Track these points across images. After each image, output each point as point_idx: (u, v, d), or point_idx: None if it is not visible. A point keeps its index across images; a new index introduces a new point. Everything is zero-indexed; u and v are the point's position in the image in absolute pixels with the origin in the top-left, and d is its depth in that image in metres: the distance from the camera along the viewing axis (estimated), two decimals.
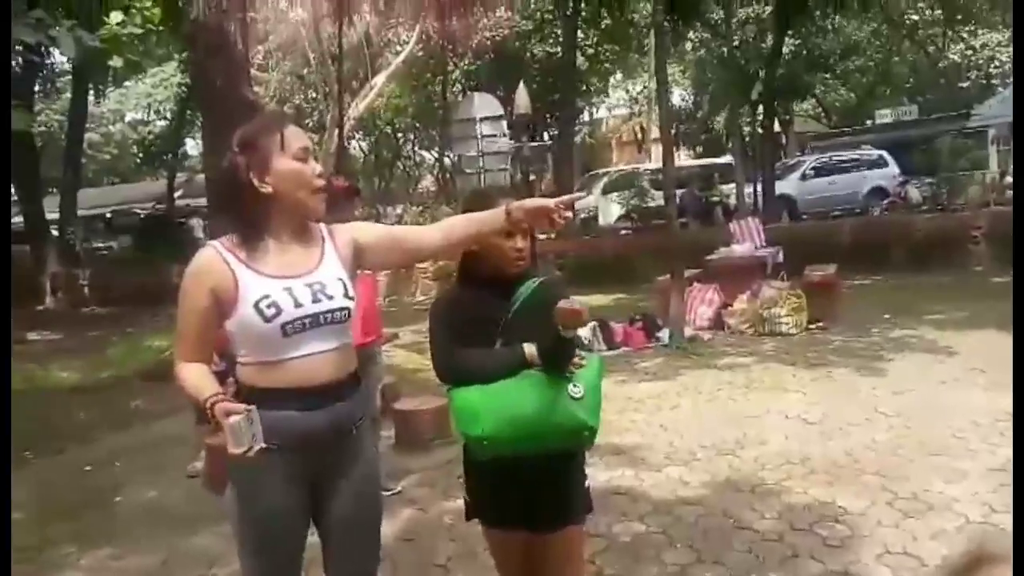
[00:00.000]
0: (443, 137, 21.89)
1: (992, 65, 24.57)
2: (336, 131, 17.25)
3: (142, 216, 25.79)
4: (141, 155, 33.91)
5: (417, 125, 28.50)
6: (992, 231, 11.93)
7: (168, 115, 30.20)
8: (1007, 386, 5.26)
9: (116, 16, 5.50)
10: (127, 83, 28.40)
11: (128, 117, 33.62)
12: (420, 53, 22.15)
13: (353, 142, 25.80)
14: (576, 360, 2.08)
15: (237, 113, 6.94)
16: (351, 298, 1.97)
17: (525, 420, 1.98)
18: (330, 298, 1.92)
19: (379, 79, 19.64)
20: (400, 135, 30.17)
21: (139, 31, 5.60)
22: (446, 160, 21.46)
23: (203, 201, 17.41)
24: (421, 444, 5.06)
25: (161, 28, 6.78)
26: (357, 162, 27.74)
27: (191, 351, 1.93)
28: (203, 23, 7.53)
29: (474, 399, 2.01)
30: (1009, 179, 17.93)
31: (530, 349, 2.05)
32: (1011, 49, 24.18)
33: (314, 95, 24.23)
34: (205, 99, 8.76)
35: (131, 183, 34.04)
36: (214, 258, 1.90)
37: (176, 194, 24.99)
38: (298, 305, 1.87)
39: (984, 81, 24.95)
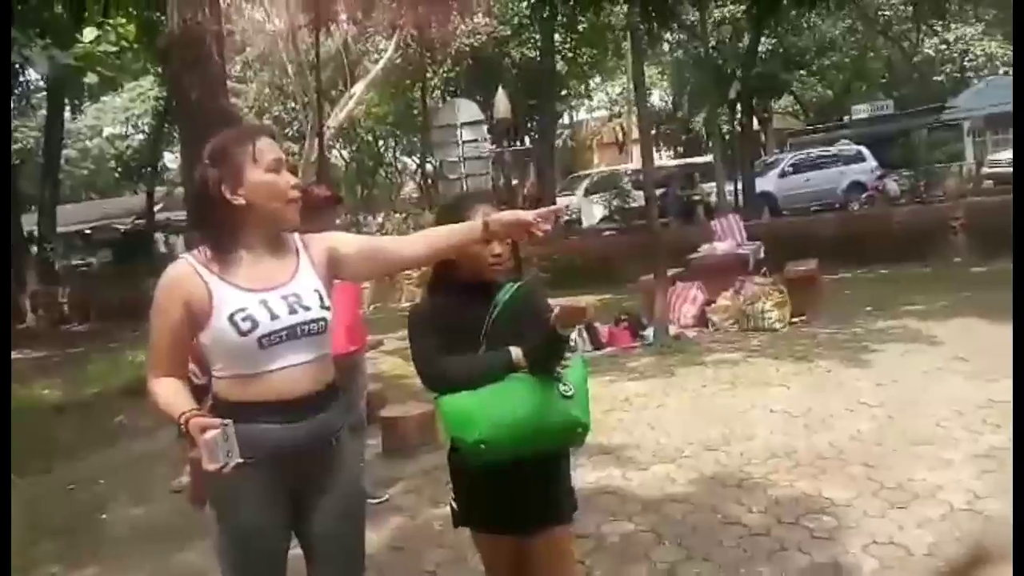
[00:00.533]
0: (424, 143, 21.89)
1: (966, 59, 24.90)
2: (316, 140, 17.22)
3: (122, 231, 25.61)
4: (120, 170, 33.68)
5: (398, 132, 28.52)
6: (970, 222, 12.06)
7: (146, 129, 30.05)
8: (988, 374, 5.34)
9: (90, 33, 5.48)
10: (104, 98, 28.23)
11: (106, 132, 33.45)
12: (399, 60, 22.16)
13: (334, 151, 25.74)
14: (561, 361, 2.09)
15: (215, 125, 6.82)
16: (327, 308, 1.96)
17: (521, 421, 1.99)
18: (307, 309, 1.90)
19: (358, 87, 19.60)
20: (381, 142, 30.18)
21: (113, 48, 5.57)
22: (428, 166, 21.45)
23: (183, 214, 17.31)
24: (408, 451, 5.04)
25: (136, 45, 6.74)
26: (339, 170, 27.69)
27: (164, 365, 1.91)
28: (178, 36, 7.47)
29: (467, 404, 2.00)
30: (985, 169, 18.16)
31: (516, 352, 2.05)
32: (985, 42, 24.53)
33: (293, 105, 24.17)
34: (182, 112, 8.68)
35: (110, 198, 33.81)
36: (187, 271, 1.88)
37: (156, 208, 24.83)
38: (274, 317, 1.86)
39: (958, 74, 25.27)
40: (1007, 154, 18.08)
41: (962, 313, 7.55)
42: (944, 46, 24.86)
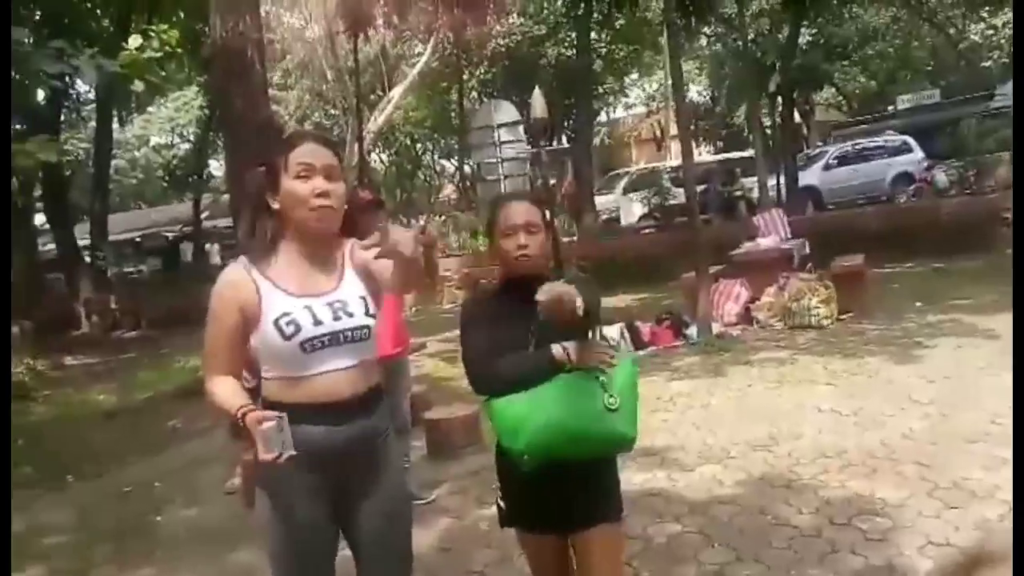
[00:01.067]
0: (462, 145, 21.98)
1: None
2: (356, 145, 17.44)
3: (170, 238, 26.20)
4: (167, 178, 34.50)
5: (436, 135, 28.70)
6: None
7: (191, 138, 30.74)
8: None
9: (135, 41, 5.63)
10: (150, 108, 28.93)
11: (152, 141, 34.24)
12: (435, 64, 22.31)
13: (373, 155, 26.00)
14: (607, 359, 2.06)
15: (258, 133, 7.03)
16: (372, 316, 2.00)
17: (565, 434, 1.99)
18: (351, 316, 1.95)
19: (396, 91, 19.80)
20: (419, 145, 30.40)
21: (158, 54, 5.72)
22: (466, 168, 21.54)
23: (229, 222, 17.64)
24: (453, 452, 5.07)
25: (179, 50, 6.90)
26: (378, 174, 27.96)
27: (220, 366, 1.96)
28: (221, 46, 7.63)
29: (516, 414, 2.01)
30: None
31: (557, 349, 2.04)
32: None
33: (333, 111, 24.49)
34: (226, 121, 8.88)
35: (158, 207, 34.64)
36: (241, 274, 1.95)
37: (202, 215, 25.36)
38: (317, 323, 1.91)
39: (1006, 60, 24.48)
40: None
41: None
42: (991, 32, 24.15)
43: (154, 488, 5.46)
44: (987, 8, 24.24)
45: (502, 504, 2.25)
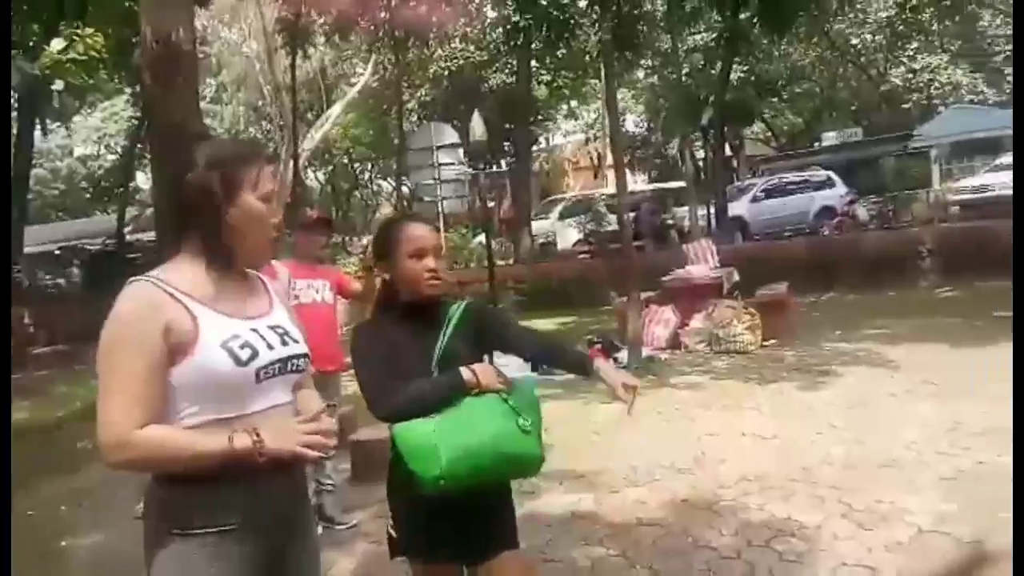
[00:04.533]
0: (400, 166, 21.93)
1: (932, 87, 25.47)
2: (291, 162, 17.20)
3: (92, 252, 25.21)
4: (91, 190, 33.31)
5: (374, 154, 28.55)
6: (938, 248, 12.29)
7: (118, 149, 29.78)
8: (955, 397, 5.41)
9: (58, 43, 5.47)
10: (76, 118, 27.96)
11: (77, 152, 33.07)
12: (376, 84, 22.25)
13: (309, 172, 25.68)
14: (507, 382, 2.05)
15: (187, 146, 6.84)
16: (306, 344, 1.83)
17: (482, 456, 1.94)
18: (296, 342, 1.72)
19: (334, 110, 19.65)
20: (357, 164, 30.18)
21: (82, 57, 5.56)
22: (404, 188, 21.48)
23: (153, 236, 17.10)
24: (378, 475, 4.94)
25: (106, 56, 6.72)
26: (314, 192, 27.61)
27: (144, 412, 1.52)
28: (151, 55, 7.44)
29: (429, 437, 1.92)
30: (951, 196, 18.53)
31: (467, 373, 2.02)
32: (950, 71, 25.13)
33: (268, 127, 24.12)
34: (155, 132, 8.63)
35: (79, 219, 33.37)
36: (159, 293, 1.57)
37: (126, 229, 24.53)
38: (270, 347, 1.64)
39: (925, 102, 25.82)
40: (972, 181, 18.48)
41: (929, 337, 7.66)
42: (911, 75, 25.44)
43: (60, 511, 5.19)
44: (907, 53, 25.56)
45: (393, 533, 2.16)
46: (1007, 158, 18.41)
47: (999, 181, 16.99)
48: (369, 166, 30.79)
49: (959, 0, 23.21)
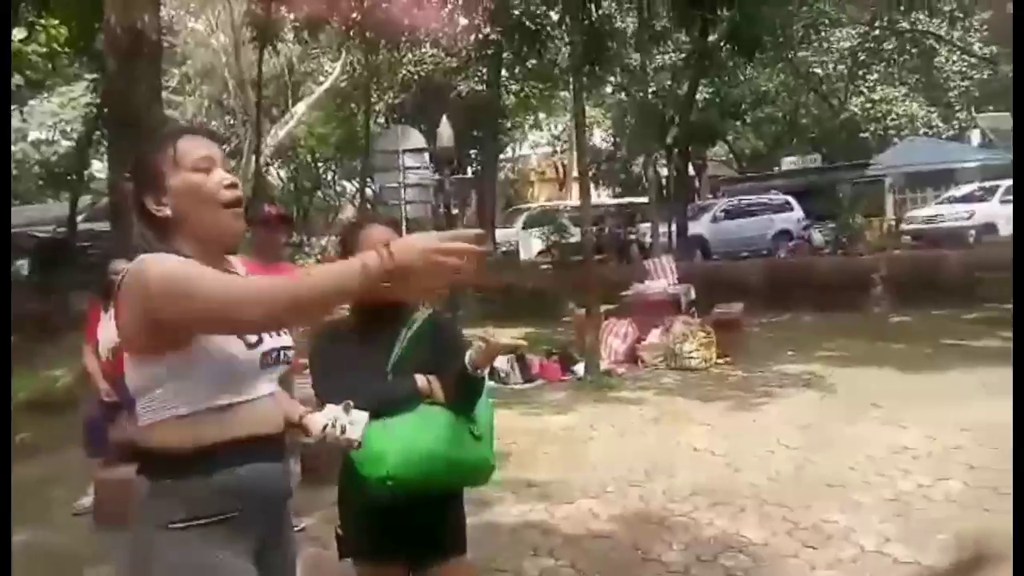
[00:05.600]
0: (365, 167, 21.80)
1: (889, 118, 26.18)
2: (253, 157, 16.97)
3: (41, 239, 24.49)
4: (44, 176, 32.39)
5: (339, 154, 28.31)
6: (889, 274, 12.60)
7: (74, 136, 29.04)
8: (900, 421, 5.54)
9: (19, 33, 5.31)
10: (32, 102, 27.21)
11: (31, 136, 32.17)
12: (344, 84, 22.08)
13: (272, 169, 25.36)
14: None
15: (147, 136, 6.72)
16: None
17: (432, 459, 1.95)
18: (285, 334, 1.68)
19: (300, 107, 19.44)
20: (321, 164, 29.88)
21: (43, 49, 5.41)
22: (368, 190, 21.33)
23: (107, 226, 16.70)
24: (328, 479, 4.89)
25: (67, 49, 6.54)
26: (275, 189, 27.25)
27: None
28: (115, 43, 7.29)
29: (378, 438, 1.91)
30: (904, 226, 19.05)
31: (422, 380, 2.02)
32: (907, 103, 25.89)
33: (232, 121, 23.78)
34: (114, 120, 8.44)
35: (31, 204, 32.42)
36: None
37: (79, 218, 23.91)
38: (268, 335, 1.60)
39: (882, 133, 26.52)
40: (924, 211, 19.03)
41: (879, 361, 7.84)
42: (869, 105, 26.12)
43: None
44: (867, 84, 26.25)
45: (341, 533, 2.17)
46: (958, 191, 19.03)
47: (951, 212, 17.56)
48: (333, 166, 30.51)
49: (918, 35, 23.92)
